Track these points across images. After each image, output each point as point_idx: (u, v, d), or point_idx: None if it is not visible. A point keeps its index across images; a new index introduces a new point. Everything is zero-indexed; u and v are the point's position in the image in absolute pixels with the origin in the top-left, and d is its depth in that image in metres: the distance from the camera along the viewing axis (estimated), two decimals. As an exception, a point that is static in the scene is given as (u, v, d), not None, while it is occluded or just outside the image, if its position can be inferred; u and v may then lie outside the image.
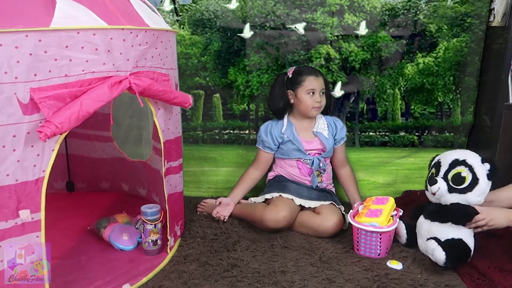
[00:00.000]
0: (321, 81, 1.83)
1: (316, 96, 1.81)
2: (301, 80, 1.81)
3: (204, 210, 1.89)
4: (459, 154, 1.50)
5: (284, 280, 1.39)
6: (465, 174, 1.45)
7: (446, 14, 1.96)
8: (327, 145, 1.85)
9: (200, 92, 2.10)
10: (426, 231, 1.50)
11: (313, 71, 1.84)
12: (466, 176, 1.45)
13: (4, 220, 1.08)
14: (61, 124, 1.06)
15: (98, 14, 1.17)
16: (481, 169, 1.45)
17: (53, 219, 1.30)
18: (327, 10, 1.97)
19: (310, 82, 1.81)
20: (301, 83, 1.81)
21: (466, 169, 1.45)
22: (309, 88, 1.80)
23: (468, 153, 1.50)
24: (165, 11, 1.99)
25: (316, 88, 1.81)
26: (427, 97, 2.08)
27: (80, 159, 2.08)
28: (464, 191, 1.45)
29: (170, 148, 1.51)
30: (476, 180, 1.44)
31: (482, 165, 1.45)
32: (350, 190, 1.92)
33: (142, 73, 1.30)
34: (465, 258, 1.46)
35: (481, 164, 1.45)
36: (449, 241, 1.43)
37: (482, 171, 1.44)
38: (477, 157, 1.47)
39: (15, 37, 1.01)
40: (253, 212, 1.76)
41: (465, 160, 1.47)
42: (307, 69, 1.86)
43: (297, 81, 1.82)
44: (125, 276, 1.38)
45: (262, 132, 1.90)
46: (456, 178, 1.46)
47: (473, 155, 1.49)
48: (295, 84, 1.83)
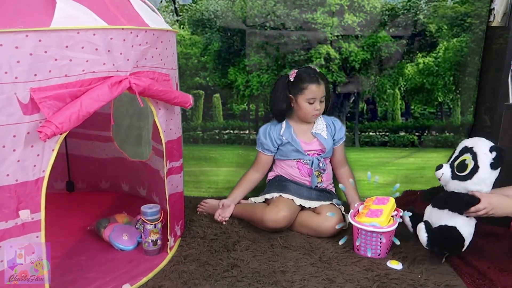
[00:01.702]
0: (322, 89, 1.80)
1: (316, 104, 1.80)
2: (302, 88, 1.79)
3: (204, 210, 1.89)
4: (471, 141, 1.50)
5: (284, 280, 1.39)
6: (468, 161, 1.45)
7: (446, 14, 1.96)
8: (326, 146, 1.85)
9: (200, 92, 2.10)
10: (428, 217, 1.53)
11: (315, 78, 1.79)
12: (468, 163, 1.45)
13: (4, 220, 1.07)
14: (61, 124, 1.06)
15: (98, 14, 1.17)
16: (484, 157, 1.43)
17: (53, 219, 1.30)
18: (327, 10, 1.97)
19: (311, 91, 1.78)
20: (302, 91, 1.79)
21: (470, 156, 1.45)
22: (310, 97, 1.78)
23: (479, 140, 1.49)
24: (165, 11, 1.99)
25: (316, 97, 1.79)
26: (427, 97, 2.08)
27: (80, 159, 2.08)
28: (465, 179, 1.45)
29: (172, 148, 1.51)
30: (476, 168, 1.43)
31: (489, 153, 1.43)
32: (349, 192, 1.90)
33: (142, 73, 1.30)
34: (453, 245, 1.46)
35: (486, 152, 1.43)
36: (440, 227, 1.46)
37: (485, 159, 1.43)
38: (487, 145, 1.46)
39: (15, 37, 1.01)
40: (253, 212, 1.76)
41: (472, 148, 1.46)
42: (308, 75, 1.80)
43: (299, 87, 1.80)
44: (125, 276, 1.38)
45: (261, 135, 1.89)
46: (460, 165, 1.47)
47: (483, 143, 1.47)
48: (296, 90, 1.81)
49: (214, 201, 1.89)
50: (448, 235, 1.45)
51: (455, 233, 1.45)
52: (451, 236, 1.45)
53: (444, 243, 1.46)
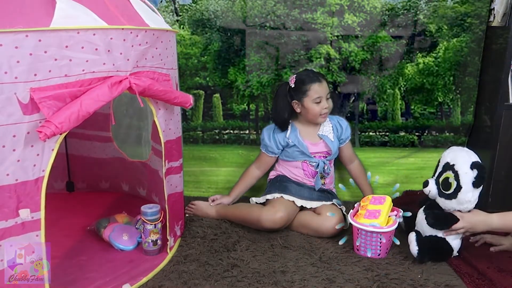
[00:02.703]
0: (325, 86, 1.79)
1: (323, 103, 1.78)
2: (306, 90, 1.77)
3: (191, 212, 1.87)
4: (453, 156, 1.48)
5: (284, 280, 1.39)
6: (451, 180, 1.45)
7: (446, 14, 1.96)
8: (332, 148, 1.84)
9: (200, 92, 2.10)
10: (419, 221, 1.56)
11: (315, 77, 1.78)
12: (451, 182, 1.45)
13: (4, 219, 1.08)
14: (61, 124, 1.06)
15: (98, 14, 1.17)
16: (466, 176, 1.42)
17: (53, 219, 1.30)
18: (327, 10, 1.97)
19: (315, 90, 1.76)
20: (306, 93, 1.77)
21: (452, 175, 1.45)
22: (316, 96, 1.76)
23: (461, 156, 1.47)
24: (165, 11, 1.99)
25: (322, 95, 1.77)
26: (427, 97, 2.08)
27: (80, 159, 2.08)
28: (450, 197, 1.46)
29: (171, 148, 1.51)
30: (459, 188, 1.43)
31: (470, 171, 1.42)
32: (362, 184, 1.93)
33: (142, 73, 1.30)
34: (442, 256, 1.50)
35: (468, 171, 1.42)
36: (429, 237, 1.49)
37: (466, 179, 1.42)
38: (467, 162, 1.43)
39: (15, 37, 1.01)
40: (248, 212, 1.75)
41: (453, 166, 1.45)
42: (308, 76, 1.79)
43: (302, 90, 1.78)
44: (125, 276, 1.38)
45: (265, 137, 1.88)
46: (444, 183, 1.48)
47: (464, 159, 1.45)
48: (299, 93, 1.78)
49: (203, 203, 1.88)
50: (438, 246, 1.49)
51: (445, 245, 1.49)
52: (441, 248, 1.49)
53: (435, 255, 1.50)
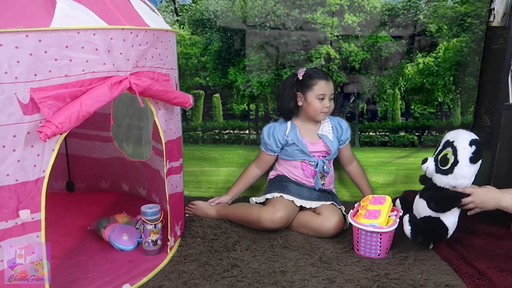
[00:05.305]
0: (331, 86, 1.81)
1: (326, 101, 1.79)
2: (311, 84, 1.79)
3: (191, 212, 1.87)
4: (453, 134, 1.54)
5: (284, 280, 1.39)
6: (449, 156, 1.48)
7: (446, 14, 1.96)
8: (331, 148, 1.85)
9: (200, 92, 2.10)
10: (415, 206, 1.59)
11: (324, 75, 1.81)
12: (449, 158, 1.48)
13: (4, 220, 1.08)
14: (61, 124, 1.06)
15: (98, 14, 1.17)
16: (464, 151, 1.46)
17: (53, 219, 1.30)
18: (327, 10, 1.97)
19: (320, 87, 1.78)
20: (312, 87, 1.79)
21: (451, 150, 1.49)
22: (320, 93, 1.78)
23: (460, 133, 1.52)
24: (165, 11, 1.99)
25: (326, 93, 1.79)
26: (427, 97, 2.08)
27: (80, 159, 2.08)
28: (446, 173, 1.49)
29: (172, 148, 1.51)
30: (456, 163, 1.46)
31: (469, 147, 1.46)
32: (361, 185, 1.95)
33: (142, 73, 1.30)
34: (436, 236, 1.52)
35: (466, 146, 1.46)
36: (424, 218, 1.52)
37: (464, 154, 1.46)
38: (467, 139, 1.48)
39: (15, 37, 1.01)
40: (248, 212, 1.75)
41: (453, 142, 1.50)
42: (317, 73, 1.82)
43: (308, 84, 1.80)
44: (125, 276, 1.38)
45: (265, 135, 1.88)
46: (443, 159, 1.51)
47: (464, 136, 1.50)
48: (305, 87, 1.80)
49: (203, 203, 1.88)
50: (432, 226, 1.51)
51: (439, 223, 1.50)
52: (435, 227, 1.51)
53: (428, 234, 1.51)
